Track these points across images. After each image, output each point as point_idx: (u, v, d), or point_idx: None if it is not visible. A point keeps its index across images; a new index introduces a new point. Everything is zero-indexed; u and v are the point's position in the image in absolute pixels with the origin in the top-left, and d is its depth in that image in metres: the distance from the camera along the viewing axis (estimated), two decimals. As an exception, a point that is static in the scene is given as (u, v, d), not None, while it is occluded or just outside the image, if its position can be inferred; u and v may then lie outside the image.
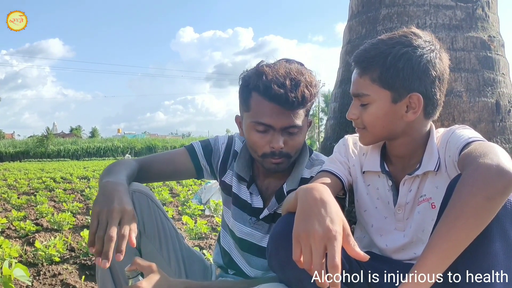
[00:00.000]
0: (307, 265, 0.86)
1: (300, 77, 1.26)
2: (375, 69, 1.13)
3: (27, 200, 5.84)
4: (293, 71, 1.27)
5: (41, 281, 2.28)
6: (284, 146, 1.29)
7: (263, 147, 1.30)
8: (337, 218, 0.88)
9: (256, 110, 1.29)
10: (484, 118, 1.73)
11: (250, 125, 1.31)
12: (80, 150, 50.11)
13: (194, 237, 3.32)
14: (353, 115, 1.20)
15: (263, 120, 1.27)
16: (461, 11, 1.79)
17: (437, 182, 1.15)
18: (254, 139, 1.31)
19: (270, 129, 1.28)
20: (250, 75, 1.31)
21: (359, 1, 2.00)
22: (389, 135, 1.19)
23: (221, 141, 1.53)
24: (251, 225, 1.46)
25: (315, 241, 0.85)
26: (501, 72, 1.82)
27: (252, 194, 1.45)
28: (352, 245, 0.86)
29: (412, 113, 1.13)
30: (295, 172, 1.42)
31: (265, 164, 1.35)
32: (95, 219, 1.07)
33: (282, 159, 1.32)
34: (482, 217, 0.86)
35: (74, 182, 9.51)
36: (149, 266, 1.15)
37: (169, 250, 1.33)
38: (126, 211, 1.08)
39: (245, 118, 1.34)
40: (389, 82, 1.12)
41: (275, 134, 1.28)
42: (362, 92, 1.16)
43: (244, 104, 1.33)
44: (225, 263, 1.57)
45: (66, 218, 3.73)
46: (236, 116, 1.45)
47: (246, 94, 1.32)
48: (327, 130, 2.16)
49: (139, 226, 1.26)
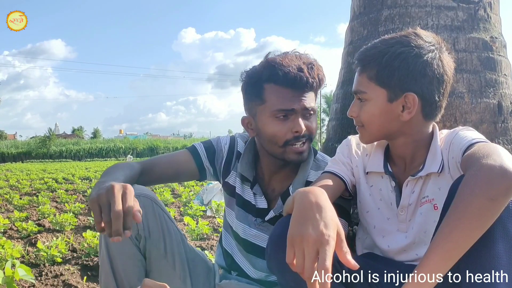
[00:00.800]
0: (299, 269, 0.86)
1: (312, 60, 1.33)
2: (372, 67, 1.15)
3: (29, 200, 5.85)
4: (303, 56, 1.34)
5: (43, 281, 2.28)
6: (305, 129, 1.32)
7: (286, 135, 1.31)
8: (331, 223, 0.88)
9: (273, 100, 1.30)
10: (486, 119, 1.73)
11: (270, 116, 1.32)
12: (82, 151, 50.20)
13: (195, 238, 3.33)
14: (353, 112, 1.22)
15: (284, 107, 1.29)
16: (463, 12, 1.79)
17: (440, 184, 1.15)
18: (275, 128, 1.31)
19: (290, 115, 1.30)
20: (260, 70, 1.33)
21: (361, 2, 2.00)
22: (387, 134, 1.20)
23: (224, 141, 1.53)
24: (256, 226, 1.45)
25: (308, 245, 0.85)
26: (503, 73, 1.82)
27: (256, 194, 1.45)
28: (345, 251, 0.87)
29: (407, 113, 1.14)
30: (301, 173, 1.42)
31: (287, 155, 1.34)
32: (96, 206, 1.01)
33: (305, 145, 1.34)
34: (485, 218, 0.85)
35: (76, 182, 9.52)
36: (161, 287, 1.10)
37: (174, 253, 1.33)
38: (126, 187, 1.03)
39: (260, 112, 1.34)
40: (385, 81, 1.13)
41: (296, 119, 1.31)
42: (360, 89, 1.18)
43: (257, 98, 1.34)
44: (228, 265, 1.56)
45: (68, 219, 3.73)
46: (243, 118, 1.43)
47: (258, 88, 1.33)
48: (329, 131, 2.16)
49: (144, 231, 1.26)
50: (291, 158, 1.35)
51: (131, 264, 1.26)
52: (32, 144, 51.94)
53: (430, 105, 1.14)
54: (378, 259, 1.25)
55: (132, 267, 1.26)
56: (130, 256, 1.26)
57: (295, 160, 1.35)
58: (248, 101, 1.39)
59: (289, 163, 1.38)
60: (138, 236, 1.25)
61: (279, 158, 1.38)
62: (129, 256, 1.26)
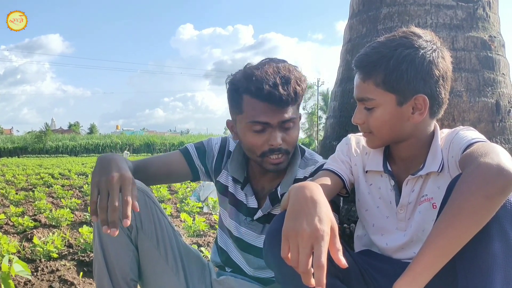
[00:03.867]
0: (294, 263, 0.86)
1: (289, 74, 1.28)
2: (378, 73, 1.12)
3: (25, 196, 5.83)
4: (281, 69, 1.29)
5: (39, 277, 2.27)
6: (282, 142, 1.30)
7: (262, 147, 1.31)
8: (326, 218, 0.88)
9: (250, 111, 1.29)
10: (484, 118, 1.73)
11: (246, 127, 1.31)
12: (79, 147, 50.10)
13: (192, 235, 3.32)
14: (358, 119, 1.20)
15: (259, 119, 1.28)
16: (462, 11, 1.79)
17: (439, 183, 1.15)
18: (252, 139, 1.31)
19: (267, 127, 1.29)
20: (239, 79, 1.32)
21: (359, 0, 2.00)
22: (396, 137, 1.19)
23: (214, 142, 1.55)
24: (246, 225, 1.47)
25: (302, 240, 0.85)
26: (501, 72, 1.82)
27: (247, 194, 1.46)
28: (337, 248, 0.86)
29: (419, 114, 1.13)
30: (289, 173, 1.42)
31: (265, 165, 1.35)
32: (95, 189, 1.09)
33: (282, 157, 1.33)
34: (481, 215, 0.86)
35: (72, 178, 9.50)
36: None
37: (166, 247, 1.33)
38: (125, 178, 1.10)
39: (239, 120, 1.35)
40: (394, 86, 1.11)
41: (272, 132, 1.29)
42: (367, 97, 1.15)
43: (236, 107, 1.34)
44: (223, 261, 1.58)
45: (64, 214, 3.72)
46: (227, 121, 1.45)
47: (237, 97, 1.32)
48: (327, 129, 2.16)
49: (136, 222, 1.27)
50: (268, 168, 1.35)
51: (124, 254, 1.27)
52: (29, 139, 51.73)
53: (438, 103, 1.14)
54: (376, 257, 1.25)
55: (124, 257, 1.27)
56: (122, 246, 1.27)
57: (273, 170, 1.36)
58: (230, 107, 1.39)
59: (266, 170, 1.39)
60: (130, 226, 1.26)
61: (258, 165, 1.39)
62: (121, 246, 1.27)
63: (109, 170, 1.11)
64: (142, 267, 1.33)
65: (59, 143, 50.17)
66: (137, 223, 1.27)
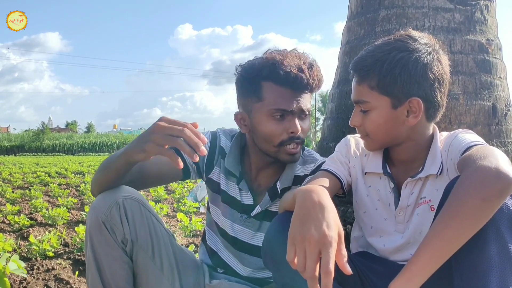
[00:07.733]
0: (300, 268, 0.86)
1: (312, 61, 1.31)
2: (372, 77, 1.13)
3: (21, 194, 5.82)
4: (303, 56, 1.31)
5: (34, 275, 2.27)
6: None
7: (281, 135, 1.30)
8: (333, 224, 0.88)
9: (271, 99, 1.28)
10: (480, 121, 1.73)
11: (266, 114, 1.30)
12: (76, 145, 50.00)
13: (188, 235, 3.32)
14: (355, 122, 1.21)
15: (282, 106, 1.28)
16: (459, 14, 1.79)
17: (437, 185, 1.15)
18: (271, 128, 1.30)
19: (286, 115, 1.29)
20: (259, 66, 1.30)
21: (358, 2, 2.00)
22: (393, 140, 1.19)
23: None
24: (241, 222, 1.44)
25: (310, 245, 0.85)
26: (499, 75, 1.82)
27: (242, 190, 1.44)
28: (343, 254, 0.87)
29: (413, 117, 1.13)
30: (288, 169, 1.41)
31: (281, 155, 1.33)
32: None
33: (298, 147, 1.33)
34: (477, 218, 0.86)
35: (69, 177, 9.47)
36: None
37: (162, 256, 1.32)
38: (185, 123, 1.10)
39: (256, 109, 1.32)
40: (387, 89, 1.12)
41: (293, 120, 1.29)
42: (362, 99, 1.17)
43: (254, 96, 1.32)
44: (213, 263, 1.55)
45: (60, 213, 3.72)
46: (236, 113, 1.40)
47: (255, 85, 1.31)
48: (324, 130, 2.16)
49: (131, 235, 1.25)
50: (284, 159, 1.34)
51: (118, 266, 1.25)
52: (25, 137, 51.62)
53: (434, 106, 1.15)
54: (372, 258, 1.25)
55: (118, 270, 1.25)
56: (116, 259, 1.25)
57: (288, 161, 1.35)
58: (243, 97, 1.36)
59: (280, 162, 1.38)
60: (125, 240, 1.24)
61: (271, 157, 1.36)
62: (115, 259, 1.24)
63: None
64: (137, 277, 1.30)
65: (56, 141, 50.08)
66: (132, 236, 1.25)
